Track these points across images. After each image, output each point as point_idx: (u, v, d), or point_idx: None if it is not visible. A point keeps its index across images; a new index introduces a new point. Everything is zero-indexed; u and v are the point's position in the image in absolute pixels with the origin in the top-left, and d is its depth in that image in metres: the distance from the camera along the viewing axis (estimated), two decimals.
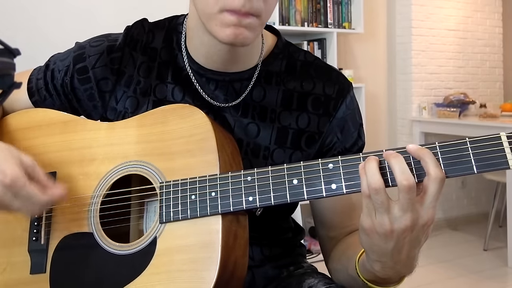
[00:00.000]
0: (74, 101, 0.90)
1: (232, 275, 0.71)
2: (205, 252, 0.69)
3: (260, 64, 0.87)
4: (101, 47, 0.88)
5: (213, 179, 0.72)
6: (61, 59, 0.91)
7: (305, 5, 3.35)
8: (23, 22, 2.67)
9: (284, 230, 0.94)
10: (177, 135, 0.76)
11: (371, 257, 0.69)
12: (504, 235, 3.30)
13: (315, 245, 3.24)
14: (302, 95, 0.87)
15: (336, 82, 0.88)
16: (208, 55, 0.84)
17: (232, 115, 0.85)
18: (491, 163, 0.61)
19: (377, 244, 0.66)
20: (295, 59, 0.89)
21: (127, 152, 0.79)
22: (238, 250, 0.72)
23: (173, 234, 0.72)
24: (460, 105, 3.66)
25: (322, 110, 0.87)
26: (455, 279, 2.93)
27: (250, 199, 0.70)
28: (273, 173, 0.70)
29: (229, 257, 0.70)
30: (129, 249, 0.74)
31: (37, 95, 0.91)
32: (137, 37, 0.88)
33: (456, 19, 3.99)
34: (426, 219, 0.63)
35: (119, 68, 0.87)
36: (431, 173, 0.61)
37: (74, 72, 0.88)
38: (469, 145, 0.62)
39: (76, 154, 0.82)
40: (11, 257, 0.80)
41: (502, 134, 0.62)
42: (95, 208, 0.78)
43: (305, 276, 0.90)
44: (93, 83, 0.87)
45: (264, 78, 0.87)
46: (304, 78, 0.88)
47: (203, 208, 0.71)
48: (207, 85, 0.86)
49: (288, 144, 0.86)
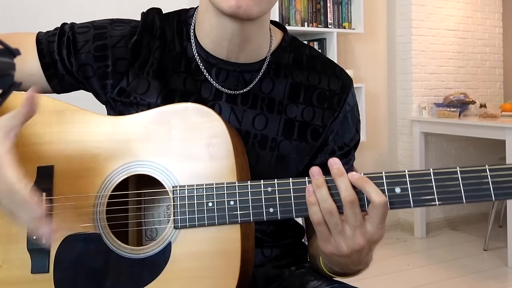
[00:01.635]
0: (82, 77, 0.87)
1: (246, 279, 0.72)
2: (224, 260, 0.69)
3: (270, 56, 0.88)
4: (124, 31, 0.88)
5: (232, 187, 0.70)
6: (78, 31, 0.88)
7: (305, 5, 3.35)
8: (23, 22, 2.67)
9: (284, 229, 0.94)
10: (189, 136, 0.74)
11: (333, 265, 0.78)
12: (504, 235, 3.29)
13: None
14: (308, 89, 0.89)
15: (340, 78, 0.91)
16: (217, 39, 0.84)
17: (241, 105, 0.86)
18: (479, 194, 0.65)
19: (336, 261, 0.74)
20: (301, 53, 0.92)
21: (134, 150, 0.75)
22: (250, 252, 0.73)
23: (189, 240, 0.71)
24: (460, 105, 3.66)
25: (327, 104, 0.89)
26: (455, 279, 2.93)
27: (271, 210, 0.69)
28: (294, 186, 0.69)
29: (245, 263, 0.70)
30: (141, 253, 0.73)
31: (49, 57, 0.87)
32: (153, 23, 0.89)
33: (456, 19, 3.99)
34: (377, 238, 0.69)
35: (136, 51, 0.87)
36: (373, 200, 0.66)
37: (92, 48, 0.86)
38: (460, 174, 0.66)
39: (75, 147, 0.77)
40: (7, 254, 0.76)
41: (487, 167, 0.65)
42: (102, 209, 0.75)
43: (307, 277, 0.90)
44: (109, 61, 0.86)
45: (274, 70, 0.89)
46: (311, 72, 0.90)
47: (221, 216, 0.70)
48: (218, 73, 0.87)
49: (295, 136, 0.87)
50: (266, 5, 0.79)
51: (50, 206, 0.75)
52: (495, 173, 0.65)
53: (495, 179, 0.64)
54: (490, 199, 0.64)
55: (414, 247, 3.58)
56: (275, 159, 0.87)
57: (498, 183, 0.64)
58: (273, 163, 0.86)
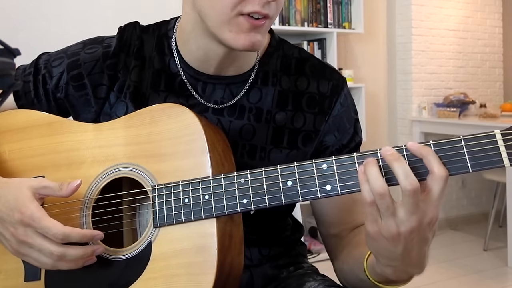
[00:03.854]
0: (68, 106, 0.88)
1: (229, 275, 0.71)
2: (201, 256, 0.69)
3: (257, 66, 0.87)
4: (96, 54, 0.87)
5: (206, 182, 0.71)
6: (53, 64, 0.89)
7: (305, 5, 3.35)
8: (23, 22, 2.67)
9: (282, 228, 0.94)
10: (166, 136, 0.75)
11: (381, 262, 0.68)
12: (504, 235, 3.29)
13: (315, 245, 3.24)
14: (297, 95, 0.87)
15: (330, 80, 0.88)
16: (205, 59, 0.84)
17: (228, 116, 0.85)
18: (486, 161, 0.61)
19: (385, 248, 0.65)
20: (289, 57, 0.90)
21: (116, 154, 0.78)
22: (233, 250, 0.72)
23: (168, 238, 0.72)
24: (460, 105, 3.66)
25: (318, 108, 0.87)
26: (455, 279, 2.93)
27: (245, 201, 0.69)
28: (266, 175, 0.69)
29: (225, 259, 0.70)
30: (124, 254, 0.74)
31: (24, 98, 0.89)
32: (130, 41, 0.88)
33: (456, 19, 3.99)
34: (431, 217, 0.62)
35: (114, 74, 0.86)
36: (435, 171, 0.60)
37: (69, 79, 0.87)
38: (464, 143, 0.62)
39: (64, 157, 0.80)
40: (3, 264, 0.79)
41: (497, 132, 0.61)
42: (87, 213, 0.77)
43: (305, 278, 0.89)
44: (89, 89, 0.86)
45: (261, 79, 0.87)
46: (299, 76, 0.88)
47: (197, 211, 0.70)
48: (205, 88, 0.86)
49: (285, 144, 0.86)
50: (268, 29, 0.81)
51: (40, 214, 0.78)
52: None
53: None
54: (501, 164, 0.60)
55: None
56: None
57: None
58: None
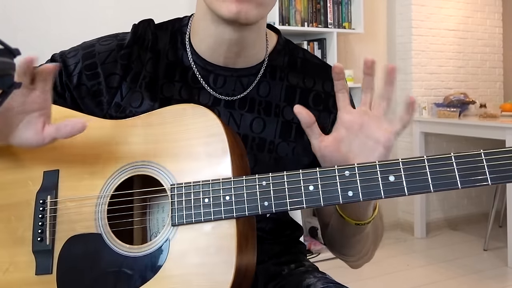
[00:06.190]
0: (77, 97, 0.89)
1: (244, 277, 0.72)
2: (220, 256, 0.69)
3: (267, 60, 0.90)
4: (111, 45, 0.89)
5: (227, 183, 0.71)
6: (68, 56, 0.90)
7: (305, 5, 3.35)
8: (23, 22, 2.67)
9: (283, 226, 0.95)
10: (187, 136, 0.75)
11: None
12: (504, 235, 3.29)
13: (315, 245, 3.25)
14: (304, 91, 0.90)
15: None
16: (215, 47, 0.85)
17: (239, 109, 0.87)
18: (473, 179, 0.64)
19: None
20: (295, 56, 0.93)
21: (134, 152, 0.77)
22: (249, 251, 0.73)
23: (186, 237, 0.72)
24: (460, 105, 3.66)
25: (323, 106, 0.90)
26: (455, 279, 2.93)
27: (266, 204, 0.69)
28: (288, 178, 0.69)
29: (242, 260, 0.70)
30: (140, 251, 0.73)
31: None
32: (144, 35, 0.89)
33: (456, 19, 3.99)
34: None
35: (127, 64, 0.87)
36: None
37: (83, 68, 0.88)
38: (454, 160, 0.64)
39: (80, 152, 0.80)
40: (13, 257, 0.79)
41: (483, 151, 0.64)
42: (103, 208, 0.76)
43: (306, 275, 0.91)
44: (101, 78, 0.87)
45: (269, 73, 0.90)
46: (305, 74, 0.92)
47: (218, 212, 0.70)
48: (216, 80, 0.87)
49: (292, 137, 0.88)
50: (264, 9, 0.80)
51: (55, 208, 0.78)
52: (491, 157, 0.64)
53: (490, 163, 0.64)
54: (486, 183, 0.63)
55: (414, 247, 3.58)
56: (273, 161, 0.87)
57: (494, 166, 0.63)
58: (271, 165, 0.87)
